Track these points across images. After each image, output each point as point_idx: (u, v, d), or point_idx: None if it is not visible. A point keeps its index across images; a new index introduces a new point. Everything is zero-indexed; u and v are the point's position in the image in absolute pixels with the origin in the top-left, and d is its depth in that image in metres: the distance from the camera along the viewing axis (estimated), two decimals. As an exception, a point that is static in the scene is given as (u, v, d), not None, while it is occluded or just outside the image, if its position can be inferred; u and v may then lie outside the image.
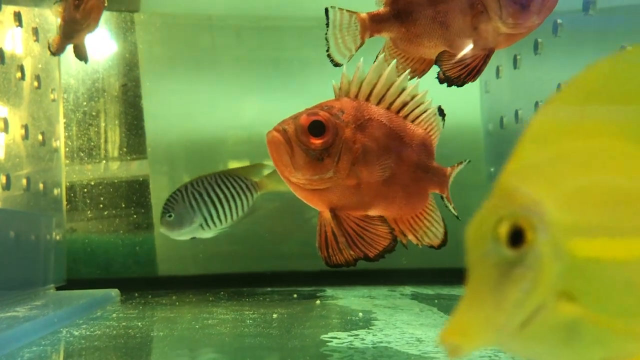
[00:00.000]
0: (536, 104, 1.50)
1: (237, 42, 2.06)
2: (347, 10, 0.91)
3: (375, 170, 0.84)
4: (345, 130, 0.82)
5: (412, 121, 0.88)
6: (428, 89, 0.89)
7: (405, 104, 0.88)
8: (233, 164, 2.04)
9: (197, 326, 1.11)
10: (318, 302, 1.42)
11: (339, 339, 0.95)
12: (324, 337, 0.96)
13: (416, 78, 0.95)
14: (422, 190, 0.88)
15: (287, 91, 2.03)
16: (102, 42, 2.00)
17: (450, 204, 0.91)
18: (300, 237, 2.02)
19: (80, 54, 1.29)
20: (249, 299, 1.54)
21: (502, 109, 1.75)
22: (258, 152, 2.06)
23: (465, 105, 1.95)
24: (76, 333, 1.04)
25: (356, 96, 0.86)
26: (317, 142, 0.81)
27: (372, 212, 0.88)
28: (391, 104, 0.87)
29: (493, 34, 0.86)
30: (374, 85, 0.86)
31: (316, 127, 0.81)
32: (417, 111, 0.88)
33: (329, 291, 1.64)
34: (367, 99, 0.86)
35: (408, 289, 1.62)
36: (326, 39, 0.92)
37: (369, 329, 1.03)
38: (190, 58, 2.05)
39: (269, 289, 1.78)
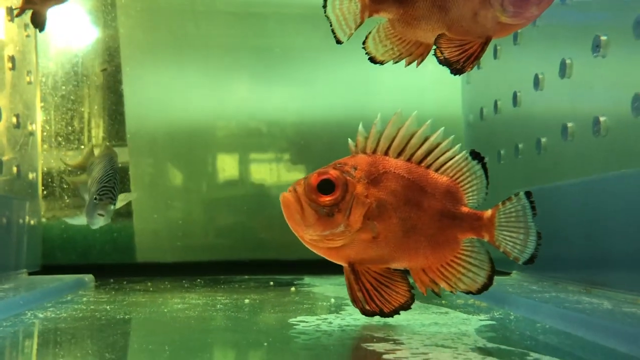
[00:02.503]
0: (514, 94, 1.50)
1: (221, 28, 2.04)
2: None
3: (391, 222, 0.85)
4: (357, 186, 0.84)
5: (438, 170, 0.87)
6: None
7: (428, 154, 0.88)
8: (216, 151, 2.03)
9: (165, 310, 1.10)
10: (293, 289, 1.41)
11: (307, 322, 0.94)
12: (292, 320, 0.96)
13: (435, 131, 0.93)
14: (451, 237, 0.87)
15: (270, 78, 2.01)
16: (82, 26, 1.98)
17: (500, 248, 0.87)
18: (280, 226, 2.01)
19: (37, 21, 1.25)
20: (224, 286, 1.53)
21: (482, 100, 1.75)
22: (240, 139, 2.05)
23: (447, 96, 1.95)
24: (41, 315, 1.03)
25: (374, 151, 0.88)
26: (326, 199, 0.84)
27: (396, 265, 0.88)
28: (412, 155, 0.87)
29: (492, 22, 0.86)
30: (392, 139, 0.87)
31: (325, 185, 0.84)
32: (442, 159, 0.88)
33: (307, 279, 1.63)
34: (386, 152, 0.87)
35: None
36: (327, 17, 0.91)
37: (338, 313, 1.02)
38: (172, 44, 2.03)
39: (246, 276, 1.77)
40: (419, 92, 1.97)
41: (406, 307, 0.87)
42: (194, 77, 2.01)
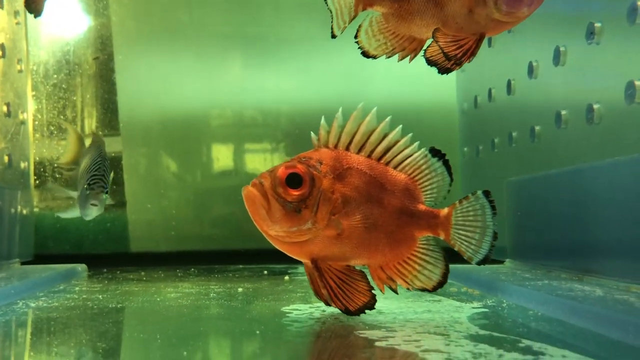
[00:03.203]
0: (509, 82, 1.49)
1: (215, 16, 2.02)
2: None
3: (355, 219, 0.84)
4: (323, 181, 0.83)
5: (396, 167, 0.88)
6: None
7: (387, 150, 0.87)
8: (210, 141, 2.02)
9: (158, 299, 1.09)
10: (287, 277, 1.41)
11: (300, 310, 0.94)
12: (285, 309, 0.95)
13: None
14: (408, 235, 0.87)
15: (265, 67, 2.00)
16: (74, 14, 1.96)
17: (454, 247, 0.87)
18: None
19: (31, 5, 1.18)
20: (218, 275, 1.52)
21: (477, 88, 1.74)
22: (235, 129, 2.04)
23: (442, 84, 1.94)
24: (32, 305, 1.02)
25: (335, 146, 0.87)
26: (294, 194, 0.82)
27: (355, 262, 0.87)
28: (372, 151, 0.87)
29: (486, 19, 0.87)
30: (353, 135, 0.87)
31: (293, 180, 0.82)
32: (400, 157, 0.88)
33: (301, 268, 1.63)
34: (347, 148, 0.87)
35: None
36: (329, 10, 0.91)
37: (331, 302, 1.02)
38: (165, 32, 2.01)
39: (240, 266, 1.77)
40: (413, 81, 1.97)
41: (370, 306, 0.85)
42: (188, 65, 2.00)
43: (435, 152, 0.89)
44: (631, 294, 0.91)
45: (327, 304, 0.87)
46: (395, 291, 0.89)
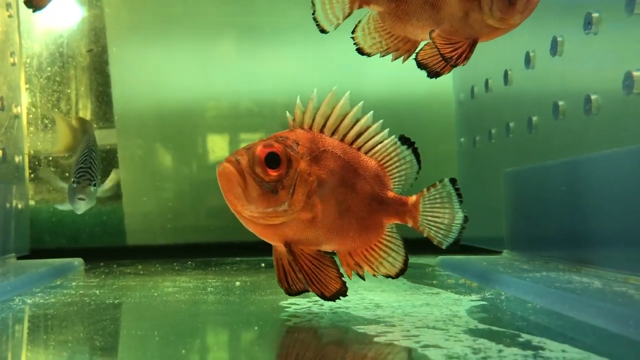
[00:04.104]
0: (505, 72, 1.48)
1: (209, 7, 2.00)
2: None
3: (330, 203, 0.83)
4: (300, 162, 0.81)
5: (367, 153, 0.87)
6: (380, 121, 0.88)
7: (359, 136, 0.87)
8: (206, 132, 2.01)
9: (155, 294, 1.09)
10: (284, 270, 1.41)
11: (298, 305, 0.93)
12: (283, 303, 0.95)
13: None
14: (377, 222, 0.87)
15: (260, 58, 1.99)
16: (67, 5, 1.94)
17: (424, 233, 0.88)
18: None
19: (32, 1, 1.14)
20: (216, 268, 1.52)
21: (473, 79, 1.73)
22: (230, 120, 2.03)
23: (438, 74, 1.93)
24: (29, 301, 1.02)
25: (310, 127, 0.85)
26: (272, 174, 0.79)
27: (326, 247, 0.86)
28: (345, 135, 0.86)
29: (480, 24, 0.88)
30: (327, 117, 0.86)
31: (271, 159, 0.79)
32: (371, 143, 0.87)
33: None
34: (321, 130, 0.86)
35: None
36: (312, 2, 0.90)
37: (329, 295, 1.02)
38: (160, 23, 1.99)
39: (237, 258, 1.76)
40: (409, 71, 1.95)
41: (343, 292, 0.85)
42: (183, 57, 1.98)
43: (404, 140, 0.89)
44: (630, 286, 0.91)
45: (289, 292, 0.86)
46: (362, 277, 0.88)
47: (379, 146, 0.88)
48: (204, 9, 2.00)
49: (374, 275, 0.88)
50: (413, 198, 0.88)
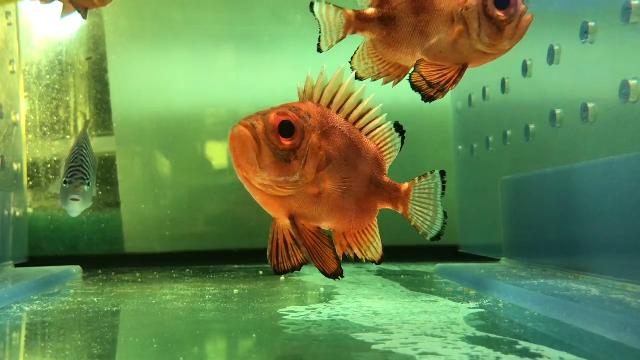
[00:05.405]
0: (503, 81, 1.49)
1: (208, 15, 2.01)
2: (334, 5, 0.92)
3: (336, 180, 0.83)
4: (312, 135, 0.81)
5: (367, 134, 0.88)
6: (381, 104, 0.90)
7: (361, 117, 0.88)
8: (204, 140, 2.01)
9: (153, 301, 1.09)
10: (283, 278, 1.41)
11: (297, 312, 0.94)
12: (282, 311, 0.95)
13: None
14: (373, 205, 0.88)
15: (259, 66, 1.99)
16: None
17: (411, 222, 0.89)
18: (270, 214, 2.00)
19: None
20: (214, 276, 1.52)
21: (471, 87, 1.74)
22: (229, 127, 2.02)
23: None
24: (27, 309, 1.02)
25: (318, 102, 0.86)
26: (286, 142, 0.79)
27: (326, 225, 0.87)
28: (349, 115, 0.87)
29: (469, 49, 0.90)
30: (334, 94, 0.86)
31: (286, 128, 0.79)
32: (371, 125, 0.88)
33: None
34: (328, 106, 0.86)
35: (375, 266, 1.61)
36: (319, 24, 0.93)
37: (328, 303, 1.02)
38: (159, 31, 2.00)
39: (235, 266, 1.76)
40: (407, 80, 1.96)
41: (340, 273, 0.85)
42: (182, 64, 1.99)
43: (398, 127, 0.90)
44: (627, 293, 0.91)
45: (276, 270, 0.86)
46: (351, 259, 0.89)
47: (378, 130, 0.89)
48: (203, 17, 2.00)
49: (362, 260, 0.89)
50: (406, 185, 0.89)
